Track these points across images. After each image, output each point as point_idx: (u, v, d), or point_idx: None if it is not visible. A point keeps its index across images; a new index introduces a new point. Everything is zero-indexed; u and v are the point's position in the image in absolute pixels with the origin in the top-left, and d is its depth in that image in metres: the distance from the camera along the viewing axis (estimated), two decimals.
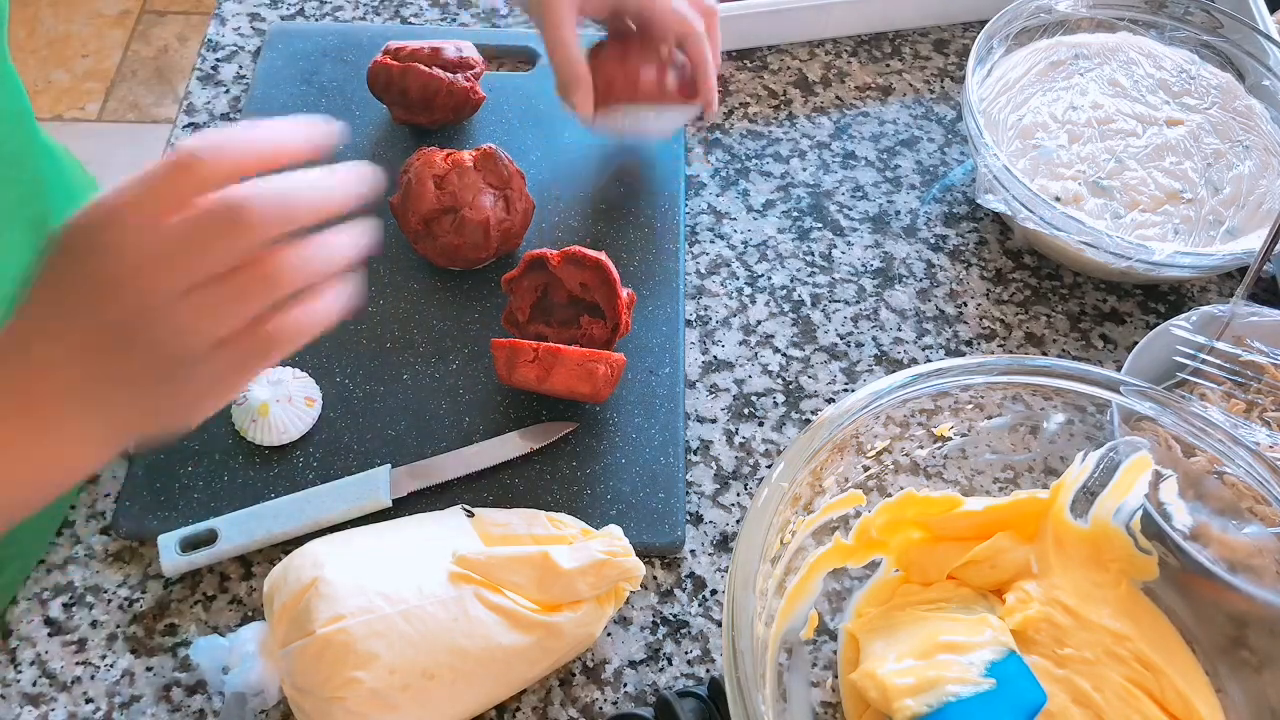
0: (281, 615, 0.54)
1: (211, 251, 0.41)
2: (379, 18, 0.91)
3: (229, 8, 0.91)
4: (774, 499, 0.52)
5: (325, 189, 0.43)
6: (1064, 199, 0.74)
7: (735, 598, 0.49)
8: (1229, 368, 0.65)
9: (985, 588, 0.60)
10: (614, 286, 0.66)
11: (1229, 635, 0.57)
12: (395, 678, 0.52)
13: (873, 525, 0.59)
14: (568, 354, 0.64)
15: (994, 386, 0.58)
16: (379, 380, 0.69)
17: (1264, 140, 0.78)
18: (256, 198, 0.41)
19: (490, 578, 0.56)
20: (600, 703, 0.59)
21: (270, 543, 0.62)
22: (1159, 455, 0.57)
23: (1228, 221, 0.74)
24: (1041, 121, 0.79)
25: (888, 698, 0.52)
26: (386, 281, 0.74)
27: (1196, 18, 0.82)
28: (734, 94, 0.87)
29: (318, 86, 0.84)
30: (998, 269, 0.78)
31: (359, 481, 0.64)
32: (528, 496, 0.65)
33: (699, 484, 0.67)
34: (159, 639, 0.60)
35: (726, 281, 0.77)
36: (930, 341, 0.74)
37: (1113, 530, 0.58)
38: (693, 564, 0.64)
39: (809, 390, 0.72)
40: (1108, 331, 0.75)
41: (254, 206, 0.41)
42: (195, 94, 0.85)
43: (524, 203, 0.73)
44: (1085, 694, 0.55)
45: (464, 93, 0.78)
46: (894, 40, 0.91)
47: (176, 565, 0.61)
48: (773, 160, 0.83)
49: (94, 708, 0.58)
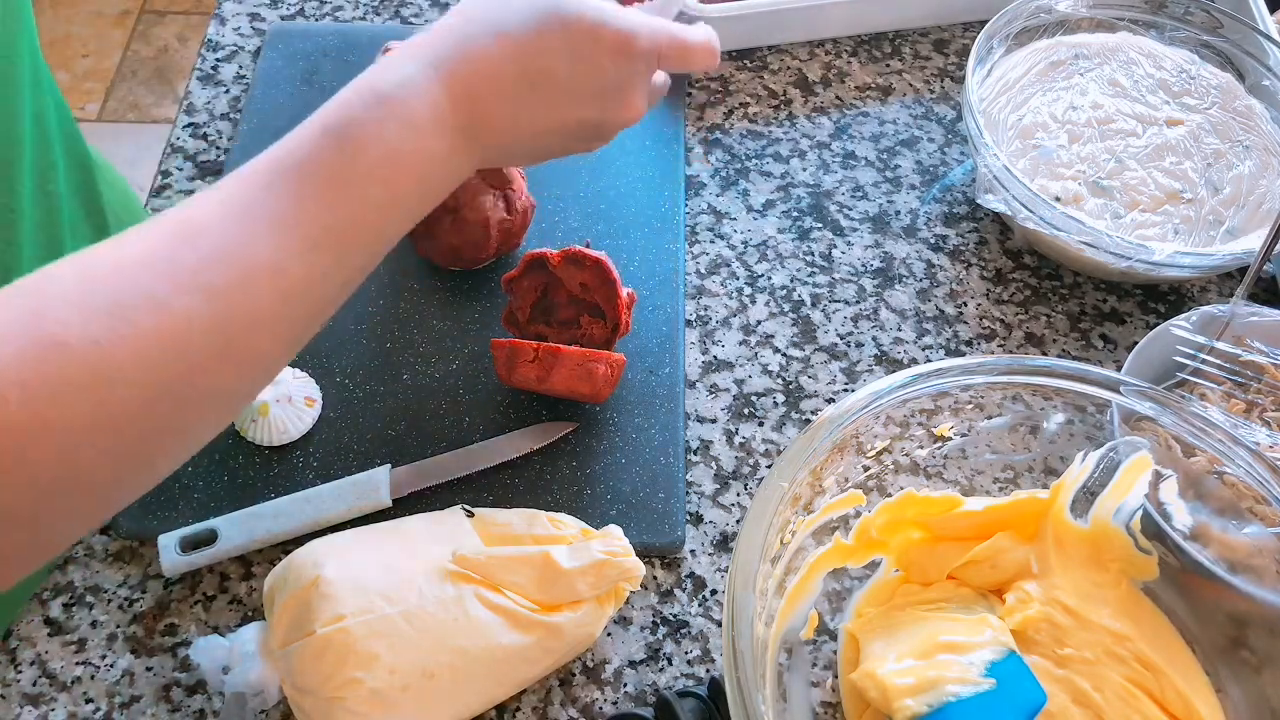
0: (282, 615, 0.54)
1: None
2: (379, 18, 0.91)
3: (229, 8, 0.91)
4: (774, 499, 0.52)
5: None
6: (1064, 199, 0.74)
7: (735, 598, 0.49)
8: (1229, 368, 0.65)
9: (985, 588, 0.60)
10: (614, 286, 0.66)
11: (1229, 635, 0.57)
12: (395, 678, 0.52)
13: (873, 525, 0.59)
14: (568, 354, 0.64)
15: (994, 386, 0.58)
16: (379, 380, 0.69)
17: (1264, 140, 0.78)
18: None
19: (490, 578, 0.56)
20: (600, 703, 0.59)
21: (270, 542, 0.62)
22: (1159, 455, 0.57)
23: (1228, 221, 0.74)
24: (1041, 121, 0.79)
25: (888, 698, 0.52)
26: (386, 281, 0.74)
27: (1196, 18, 0.82)
28: (734, 94, 0.87)
29: (318, 86, 0.84)
30: (998, 269, 0.78)
31: (359, 482, 0.64)
32: (528, 496, 0.65)
33: (699, 484, 0.67)
34: (159, 639, 0.60)
35: (726, 281, 0.77)
36: (930, 341, 0.74)
37: (1113, 530, 0.58)
38: (693, 564, 0.64)
39: (809, 390, 0.72)
40: (1108, 331, 0.75)
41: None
42: (195, 94, 0.85)
43: (524, 203, 0.73)
44: (1085, 694, 0.55)
45: None
46: (894, 40, 0.91)
47: (176, 565, 0.61)
48: (773, 160, 0.83)
49: (94, 708, 0.58)
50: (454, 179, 0.52)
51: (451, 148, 0.50)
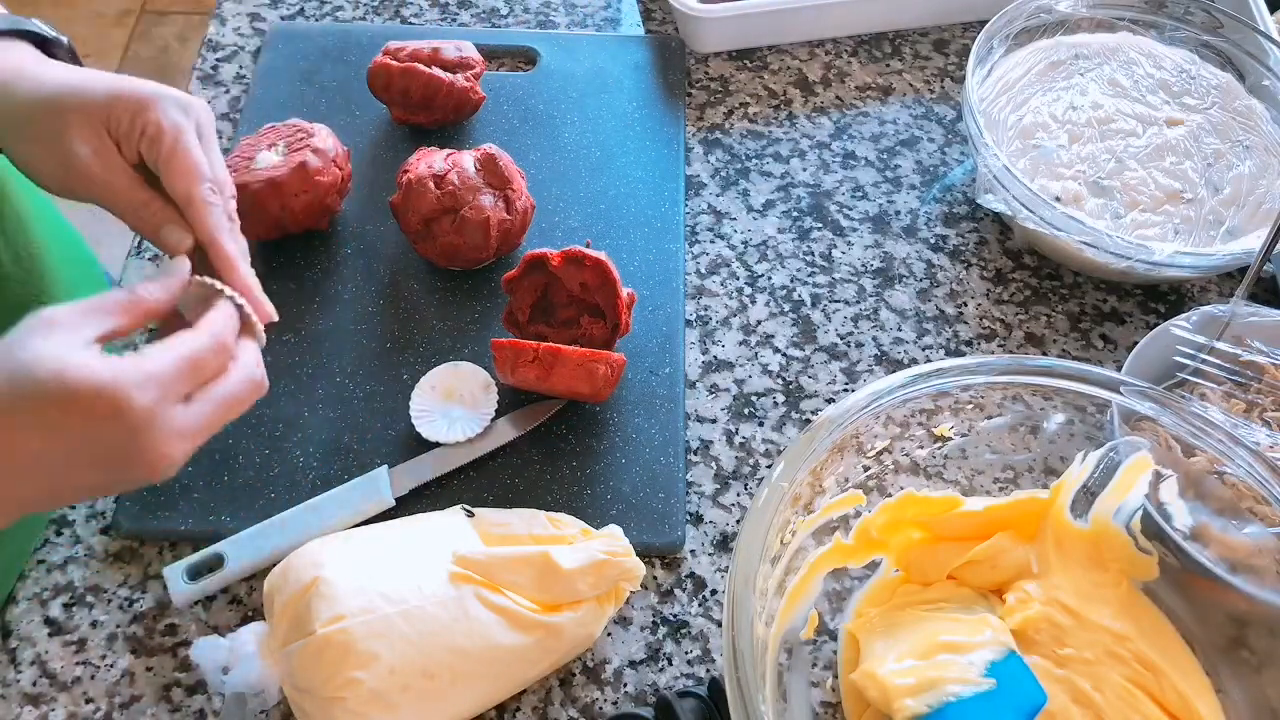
0: (282, 615, 0.54)
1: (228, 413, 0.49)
2: (379, 18, 0.91)
3: (229, 8, 0.91)
4: (774, 499, 0.52)
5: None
6: (1064, 199, 0.74)
7: (735, 598, 0.49)
8: (1229, 368, 0.65)
9: (985, 588, 0.60)
10: (614, 286, 0.66)
11: (1229, 635, 0.57)
12: (395, 678, 0.52)
13: (873, 525, 0.59)
14: (568, 354, 0.64)
15: (994, 386, 0.58)
16: (379, 380, 0.69)
17: (1264, 140, 0.78)
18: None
19: (490, 578, 0.56)
20: (600, 703, 0.59)
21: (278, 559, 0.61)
22: (1159, 455, 0.57)
23: (1228, 221, 0.74)
24: (1041, 121, 0.79)
25: (888, 698, 0.52)
26: (386, 281, 0.74)
27: (1196, 18, 0.82)
28: (734, 94, 0.87)
29: (318, 86, 0.84)
30: (998, 269, 0.78)
31: (360, 485, 0.64)
32: (528, 496, 0.65)
33: (699, 484, 0.67)
34: (159, 639, 0.60)
35: (726, 281, 0.77)
36: (930, 341, 0.74)
37: (1113, 530, 0.58)
38: (693, 564, 0.64)
39: (809, 390, 0.72)
40: (1108, 331, 0.75)
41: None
42: (195, 94, 0.85)
43: (524, 202, 0.73)
44: (1085, 694, 0.55)
45: (464, 93, 0.78)
46: (894, 40, 0.91)
47: (187, 596, 0.60)
48: (773, 160, 0.83)
49: (94, 708, 0.58)
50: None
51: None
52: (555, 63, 0.87)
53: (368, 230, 0.76)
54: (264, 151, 0.72)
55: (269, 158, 0.72)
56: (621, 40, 0.89)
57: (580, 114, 0.84)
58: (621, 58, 0.87)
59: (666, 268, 0.75)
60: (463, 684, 0.54)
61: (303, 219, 0.72)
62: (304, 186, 0.71)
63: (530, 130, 0.83)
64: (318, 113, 0.82)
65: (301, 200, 0.71)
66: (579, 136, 0.82)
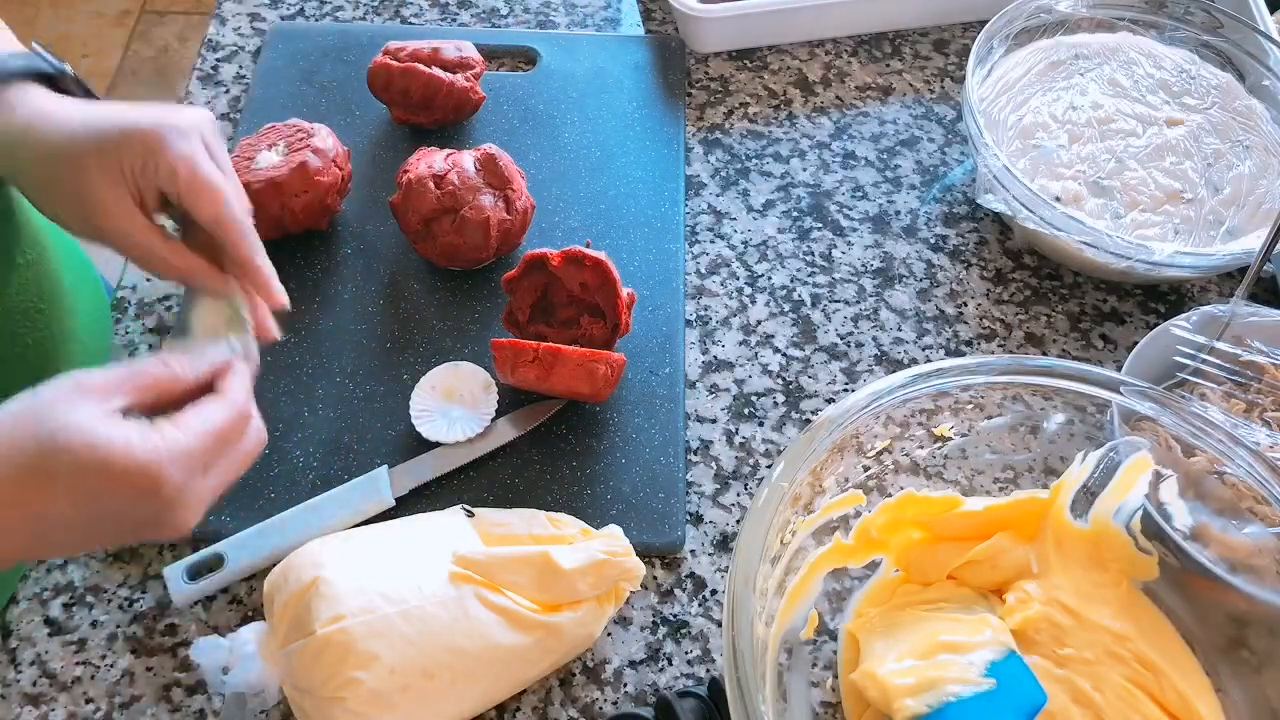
0: (282, 615, 0.54)
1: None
2: (379, 18, 0.91)
3: (229, 8, 0.91)
4: (774, 499, 0.52)
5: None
6: (1064, 199, 0.74)
7: (735, 598, 0.49)
8: (1229, 368, 0.65)
9: (985, 588, 0.60)
10: (614, 286, 0.66)
11: (1229, 635, 0.57)
12: (395, 678, 0.52)
13: (873, 525, 0.59)
14: (568, 354, 0.64)
15: (994, 386, 0.58)
16: (379, 380, 0.69)
17: (1264, 140, 0.78)
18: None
19: (490, 578, 0.56)
20: (600, 703, 0.59)
21: (278, 559, 0.61)
22: (1159, 455, 0.57)
23: (1228, 221, 0.74)
24: (1041, 121, 0.79)
25: (888, 698, 0.52)
26: (386, 281, 0.74)
27: (1196, 18, 0.82)
28: (734, 94, 0.87)
29: (318, 86, 0.84)
30: (998, 269, 0.78)
31: (360, 485, 0.64)
32: (528, 496, 0.65)
33: (699, 484, 0.67)
34: (159, 639, 0.60)
35: (726, 281, 0.77)
36: (930, 341, 0.74)
37: (1113, 530, 0.58)
38: (693, 564, 0.64)
39: (809, 390, 0.72)
40: (1108, 331, 0.75)
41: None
42: (195, 94, 0.85)
43: (524, 202, 0.73)
44: (1085, 694, 0.55)
45: (464, 93, 0.78)
46: (894, 40, 0.91)
47: (187, 595, 0.60)
48: (773, 160, 0.83)
49: (94, 708, 0.58)
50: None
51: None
52: (555, 63, 0.87)
53: (368, 230, 0.76)
54: (264, 151, 0.72)
55: (269, 158, 0.72)
56: (621, 40, 0.89)
57: (580, 114, 0.84)
58: (621, 58, 0.87)
59: (666, 268, 0.75)
60: (463, 684, 0.54)
61: (303, 219, 0.72)
62: (304, 186, 0.71)
63: (530, 130, 0.83)
64: (318, 113, 0.82)
65: (302, 200, 0.71)
66: (579, 136, 0.82)
